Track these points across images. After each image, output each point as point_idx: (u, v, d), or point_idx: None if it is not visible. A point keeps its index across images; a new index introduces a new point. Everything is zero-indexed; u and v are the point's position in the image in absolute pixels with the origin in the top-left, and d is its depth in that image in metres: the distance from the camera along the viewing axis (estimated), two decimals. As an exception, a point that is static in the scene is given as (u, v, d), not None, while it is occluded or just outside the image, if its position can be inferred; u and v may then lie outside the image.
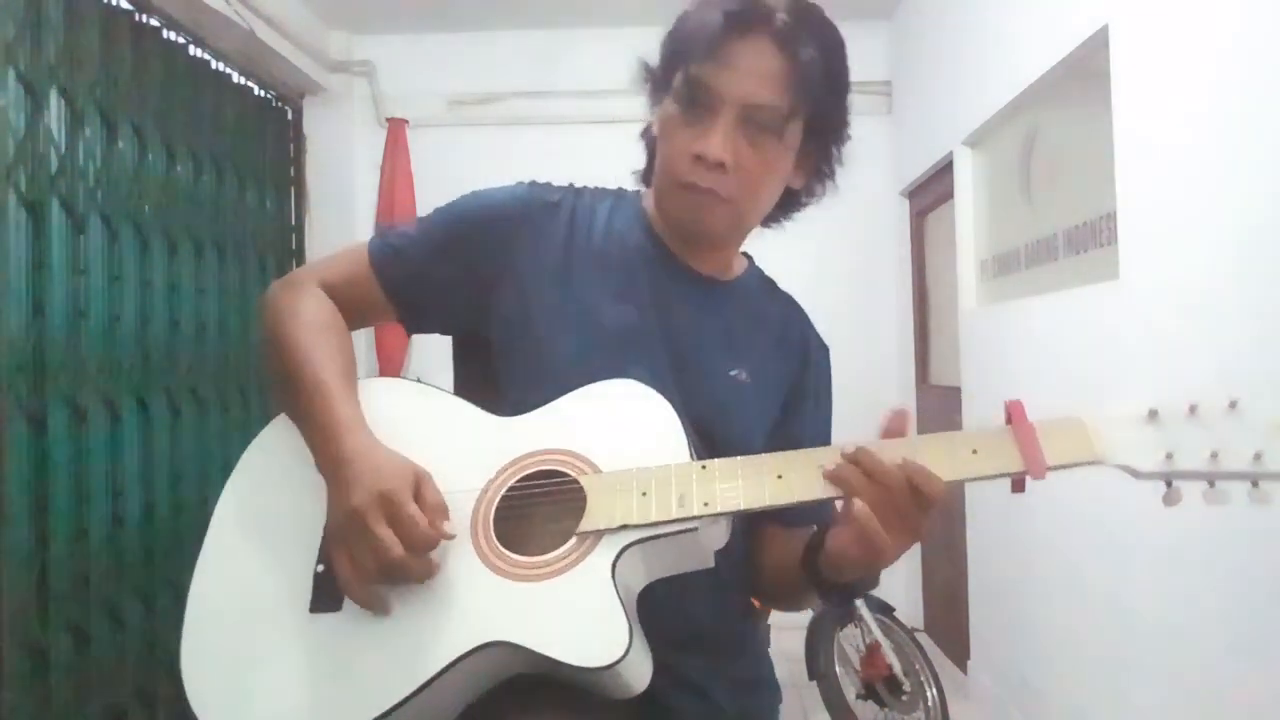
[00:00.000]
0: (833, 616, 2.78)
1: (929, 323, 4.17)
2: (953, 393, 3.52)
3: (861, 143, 1.08)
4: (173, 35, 3.10)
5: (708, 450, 0.97)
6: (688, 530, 0.84)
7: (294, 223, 4.02)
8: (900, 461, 0.82)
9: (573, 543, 0.85)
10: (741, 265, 1.15)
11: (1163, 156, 2.02)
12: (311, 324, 0.99)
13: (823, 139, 1.04)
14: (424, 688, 0.80)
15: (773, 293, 1.16)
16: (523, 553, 0.86)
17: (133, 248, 2.76)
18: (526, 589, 0.83)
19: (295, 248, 4.01)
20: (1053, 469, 0.81)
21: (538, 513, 0.89)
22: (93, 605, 2.49)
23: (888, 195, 4.28)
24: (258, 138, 3.71)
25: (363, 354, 3.93)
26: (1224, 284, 1.80)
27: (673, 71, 1.00)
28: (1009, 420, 0.84)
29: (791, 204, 1.10)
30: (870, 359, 4.14)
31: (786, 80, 0.95)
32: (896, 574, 0.93)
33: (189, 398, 3.02)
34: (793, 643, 2.82)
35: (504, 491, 0.90)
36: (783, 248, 1.21)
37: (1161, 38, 2.02)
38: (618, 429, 0.91)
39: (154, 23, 2.98)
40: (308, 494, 0.92)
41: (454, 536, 0.86)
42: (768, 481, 0.85)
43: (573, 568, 0.83)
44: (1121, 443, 0.81)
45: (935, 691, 2.77)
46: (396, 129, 4.15)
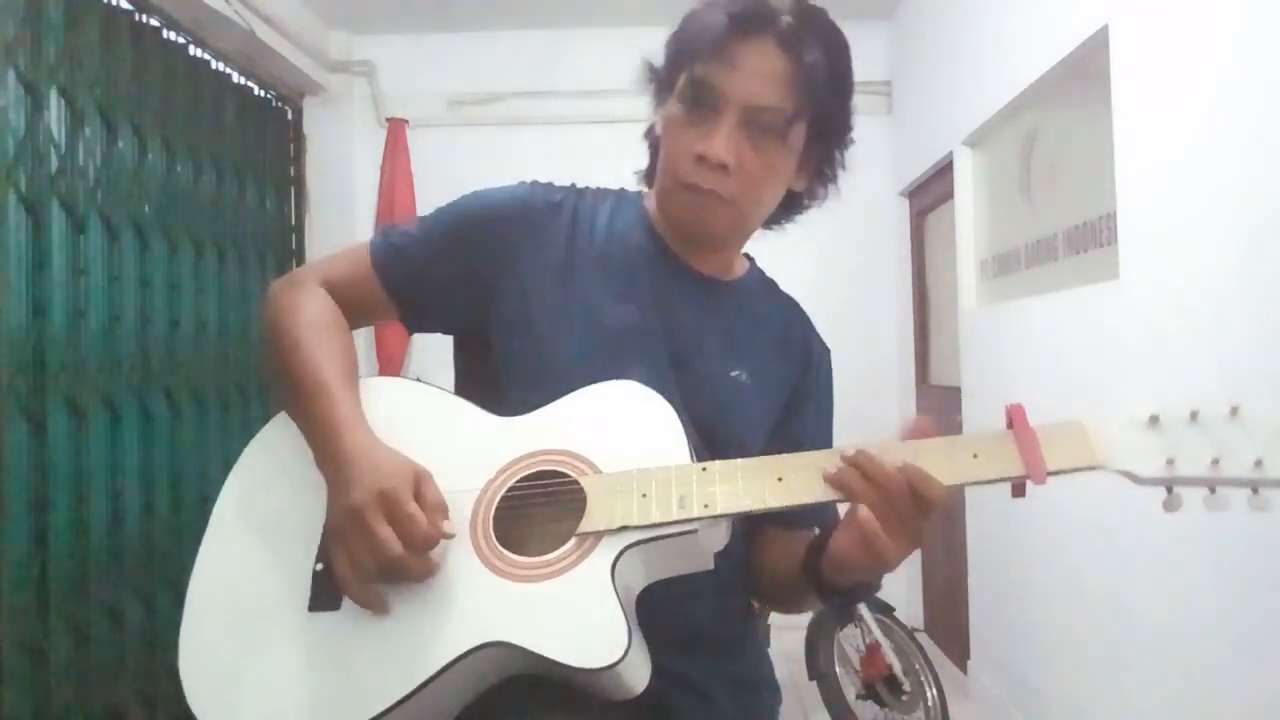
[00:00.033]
0: (833, 616, 2.78)
1: (929, 323, 4.17)
2: (953, 393, 3.51)
3: (861, 143, 1.08)
4: (173, 35, 3.10)
5: (708, 451, 0.97)
6: (688, 532, 0.84)
7: (294, 223, 4.02)
8: (900, 465, 0.82)
9: (572, 543, 0.85)
10: (743, 266, 1.15)
11: (1163, 156, 2.01)
12: (313, 323, 0.99)
13: (825, 142, 1.03)
14: (422, 688, 0.80)
15: (774, 294, 1.16)
16: (522, 553, 0.86)
17: (133, 248, 2.76)
18: (526, 589, 0.83)
19: (295, 248, 4.01)
20: (1053, 474, 0.81)
21: (537, 513, 0.89)
22: (93, 605, 2.49)
23: (888, 195, 4.28)
24: (258, 138, 3.71)
25: (363, 353, 3.91)
26: (1224, 284, 1.80)
27: (677, 72, 0.99)
28: (1010, 424, 0.84)
29: (793, 206, 1.10)
30: (870, 359, 4.14)
31: (790, 82, 0.95)
32: (896, 574, 0.93)
33: (189, 398, 3.02)
34: (793, 643, 2.83)
35: (504, 492, 0.90)
36: (782, 248, 1.21)
37: (1161, 38, 2.02)
38: (618, 430, 0.91)
39: (154, 23, 2.98)
40: (308, 492, 0.92)
41: (454, 536, 0.86)
42: (768, 484, 0.85)
43: (572, 568, 0.83)
44: (1122, 448, 0.81)
45: (935, 691, 2.77)
46: (396, 129, 4.15)
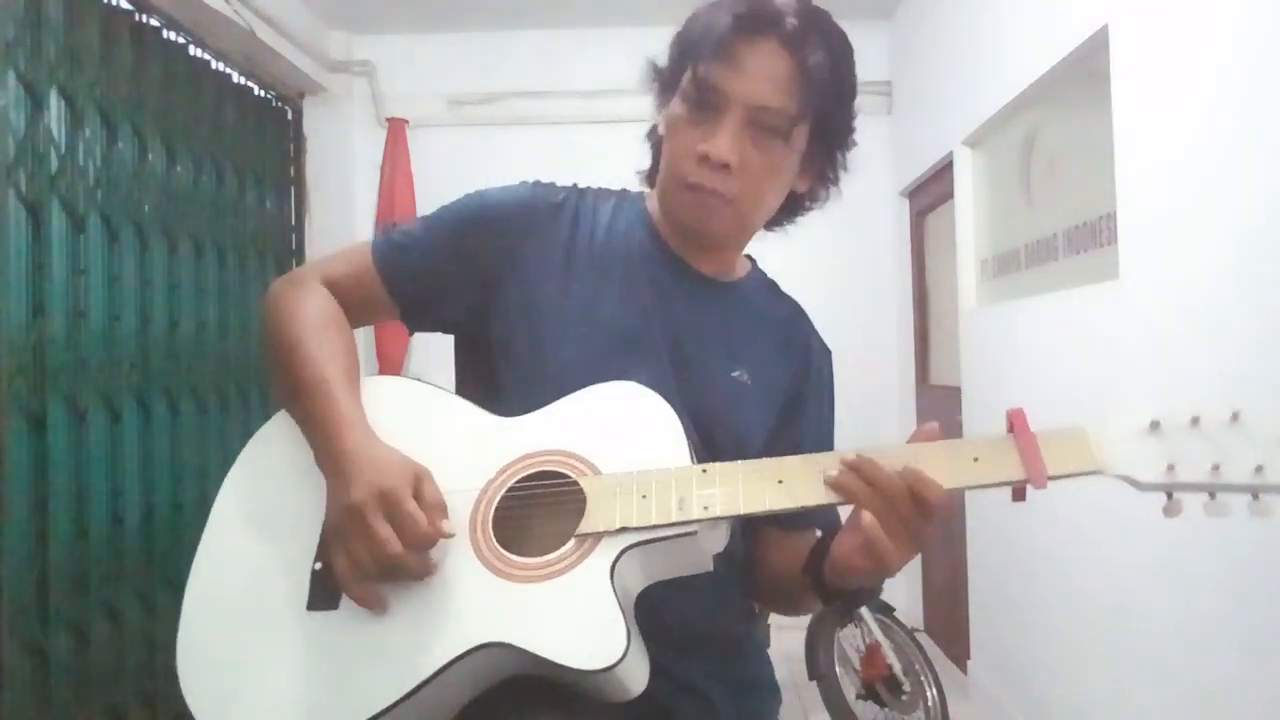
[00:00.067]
0: (833, 617, 2.78)
1: (929, 323, 4.17)
2: (953, 393, 3.51)
3: (861, 143, 1.08)
4: (173, 35, 3.10)
5: (708, 452, 0.97)
6: (687, 534, 0.84)
7: (294, 223, 4.02)
8: (901, 469, 0.81)
9: (572, 544, 0.85)
10: (745, 267, 1.15)
11: (1163, 156, 2.01)
12: (314, 321, 0.99)
13: (828, 143, 1.03)
14: (420, 688, 0.80)
15: (776, 295, 1.16)
16: (521, 554, 0.86)
17: (133, 248, 2.76)
18: (525, 590, 0.83)
19: (295, 248, 4.00)
20: (1054, 479, 0.81)
21: (537, 514, 0.89)
22: (93, 605, 2.49)
23: (888, 195, 4.28)
24: (258, 138, 3.71)
25: (362, 353, 3.90)
26: (1224, 284, 1.80)
27: (681, 72, 0.99)
28: (1011, 429, 0.84)
29: (795, 208, 1.10)
30: (870, 359, 4.14)
31: (794, 84, 0.95)
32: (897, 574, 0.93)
33: (189, 398, 3.02)
34: (793, 643, 2.82)
35: (504, 492, 0.90)
36: (783, 248, 1.21)
37: (1161, 38, 2.02)
38: (618, 431, 0.91)
39: (154, 23, 2.98)
40: (307, 491, 0.92)
41: (453, 535, 0.86)
42: (768, 486, 0.85)
43: (571, 569, 0.83)
44: (1123, 453, 0.81)
45: (935, 691, 2.77)
46: (396, 129, 4.15)
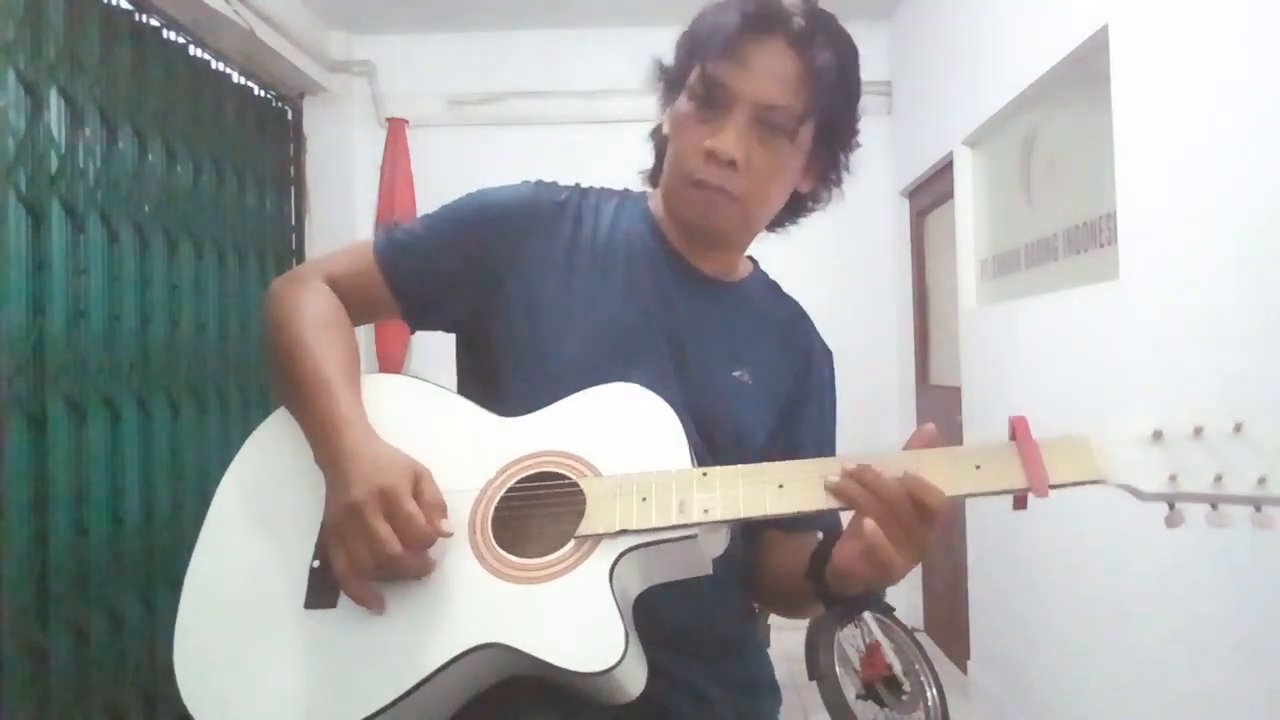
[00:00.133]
0: (833, 617, 2.78)
1: (929, 323, 4.17)
2: (953, 393, 3.51)
3: (862, 143, 1.08)
4: (173, 35, 3.10)
5: (709, 451, 0.98)
6: (687, 537, 0.84)
7: (294, 223, 4.02)
8: (902, 475, 0.81)
9: (571, 546, 0.85)
10: (747, 268, 1.15)
11: (1163, 156, 2.01)
12: (315, 319, 0.99)
13: (832, 143, 1.04)
14: (418, 688, 0.80)
15: (778, 296, 1.16)
16: (521, 554, 0.86)
17: (133, 248, 2.76)
18: (523, 591, 0.83)
19: (295, 248, 4.01)
20: (1056, 487, 0.81)
21: (536, 515, 0.89)
22: (93, 605, 2.49)
23: (888, 195, 4.28)
24: (258, 138, 3.71)
25: (363, 352, 3.89)
26: (1223, 284, 1.80)
27: (688, 69, 1.00)
28: (1013, 436, 0.83)
29: (798, 208, 1.10)
30: (870, 359, 4.14)
31: (801, 83, 0.96)
32: (897, 575, 0.93)
33: (189, 398, 3.02)
34: (793, 643, 2.82)
35: (503, 492, 0.89)
36: (782, 248, 1.21)
37: (1161, 38, 2.02)
38: (619, 433, 0.90)
39: (154, 23, 2.98)
40: (306, 489, 0.91)
41: (451, 534, 0.85)
42: (769, 490, 0.85)
43: (570, 571, 0.83)
44: (1125, 463, 0.81)
45: (935, 691, 2.77)
46: (396, 129, 4.15)
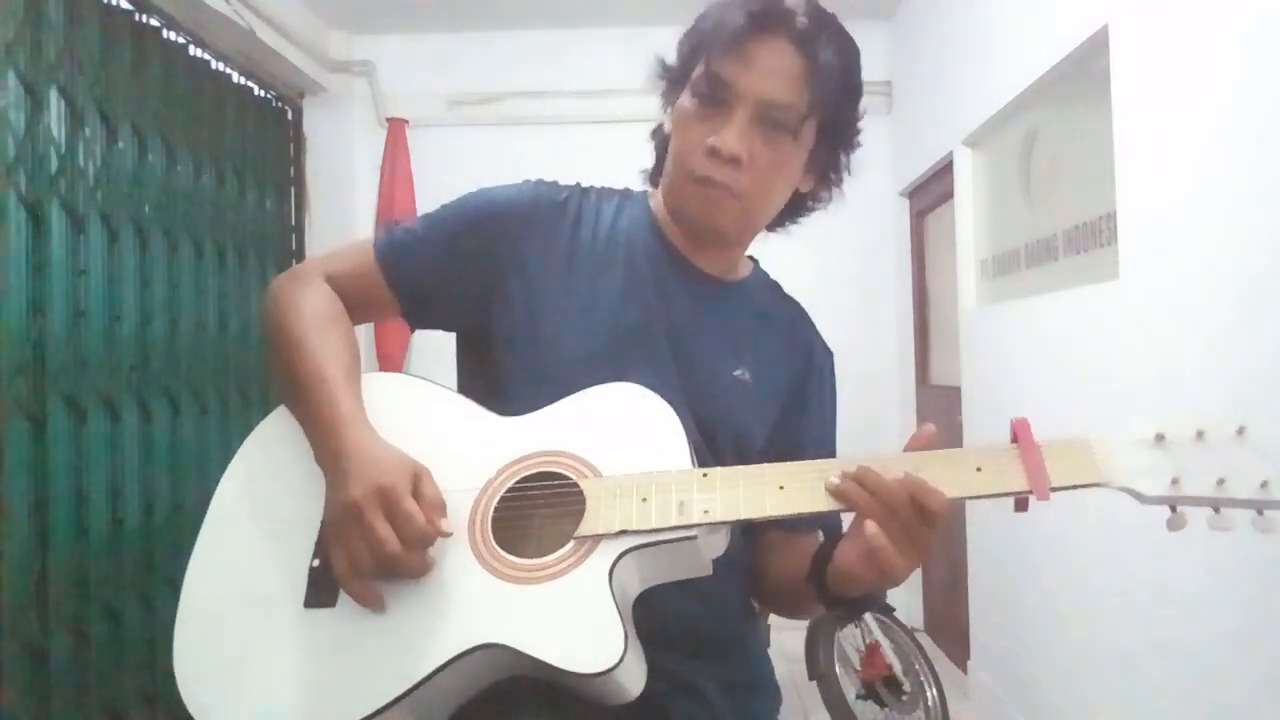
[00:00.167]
0: (833, 617, 2.78)
1: (929, 323, 4.17)
2: (953, 393, 3.51)
3: (862, 145, 1.08)
4: (173, 35, 3.09)
5: (709, 449, 0.98)
6: (687, 538, 0.84)
7: (294, 223, 4.02)
8: (903, 477, 0.81)
9: (570, 546, 0.85)
10: (747, 268, 1.15)
11: (1163, 156, 2.01)
12: (316, 318, 0.99)
13: (834, 143, 1.04)
14: (417, 687, 0.80)
15: (778, 296, 1.16)
16: (520, 554, 0.86)
17: (133, 248, 2.76)
18: (523, 591, 0.83)
19: (295, 248, 4.00)
20: (1057, 490, 0.81)
21: (536, 515, 0.89)
22: (93, 605, 2.49)
23: (888, 195, 4.28)
24: (258, 138, 3.70)
25: (363, 351, 3.90)
26: (1224, 284, 1.80)
27: (691, 67, 1.00)
28: (1014, 439, 0.83)
29: (798, 208, 1.10)
30: (870, 359, 4.14)
31: (804, 81, 0.96)
32: (897, 575, 0.93)
33: (189, 398, 3.01)
34: (793, 643, 2.82)
35: (503, 492, 0.89)
36: (782, 248, 1.21)
37: (1161, 38, 2.02)
38: (619, 433, 0.90)
39: (154, 23, 2.98)
40: (306, 488, 0.92)
41: (451, 534, 0.85)
42: (769, 492, 0.85)
43: (569, 572, 0.83)
44: (1127, 466, 0.80)
45: (935, 691, 2.77)
46: (396, 129, 4.15)
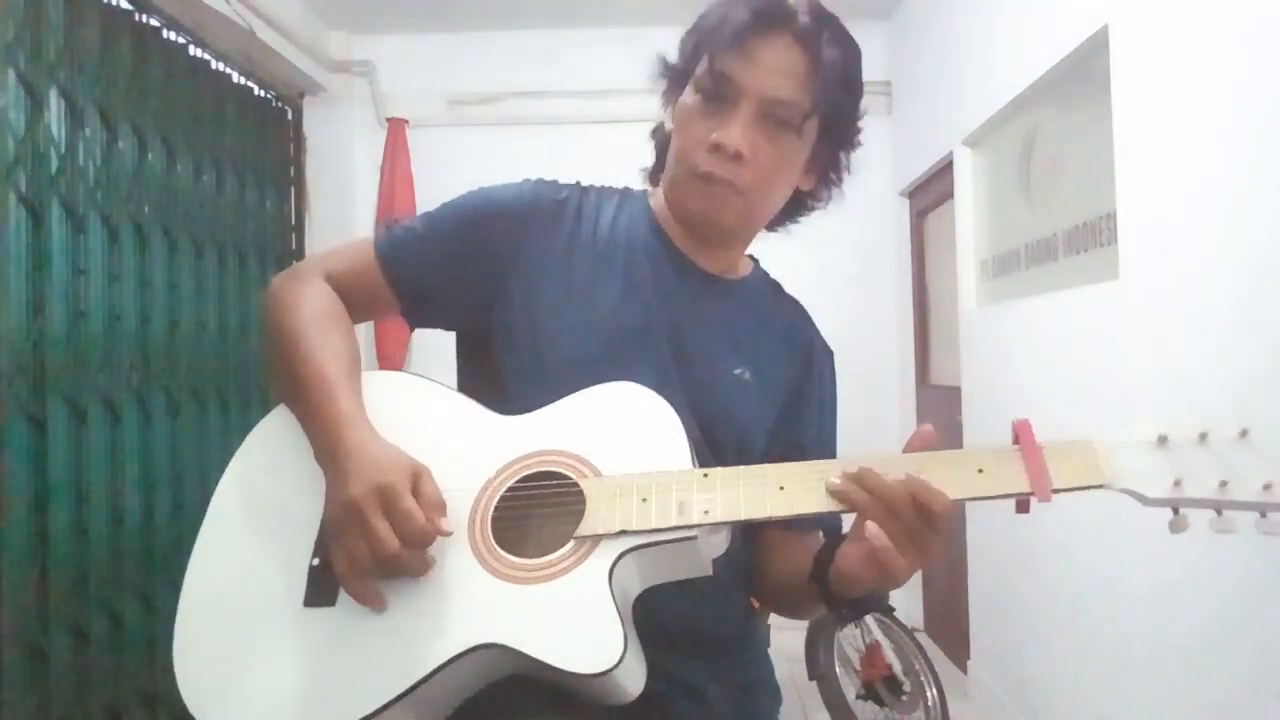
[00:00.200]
0: (834, 617, 2.78)
1: (929, 323, 4.16)
2: (953, 393, 3.51)
3: (862, 144, 1.08)
4: (173, 35, 3.09)
5: (710, 448, 0.98)
6: (687, 539, 0.83)
7: (294, 223, 4.02)
8: (904, 478, 0.81)
9: (570, 546, 0.84)
10: (748, 267, 1.15)
11: (1163, 156, 2.01)
12: (315, 316, 0.99)
13: (835, 142, 1.04)
14: (416, 687, 0.80)
15: (778, 295, 1.16)
16: (520, 554, 0.86)
17: (133, 248, 2.76)
18: (522, 591, 0.83)
19: (295, 248, 4.00)
20: (1058, 492, 0.80)
21: (536, 514, 0.89)
22: (93, 605, 2.49)
23: (888, 195, 4.28)
24: (258, 138, 3.70)
25: (363, 350, 3.90)
26: (1224, 284, 1.80)
27: (694, 64, 1.00)
28: (1016, 440, 0.83)
29: (799, 207, 1.10)
30: (870, 359, 4.14)
31: (807, 78, 0.97)
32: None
33: (189, 398, 3.01)
34: (793, 643, 2.82)
35: (503, 491, 0.89)
36: (783, 248, 1.21)
37: (1161, 38, 2.02)
38: (620, 432, 0.90)
39: (154, 23, 2.98)
40: (306, 486, 0.91)
41: (451, 533, 0.85)
42: (769, 492, 0.84)
43: (569, 572, 0.83)
44: (1129, 468, 0.80)
45: (935, 691, 2.77)
46: (396, 129, 4.15)
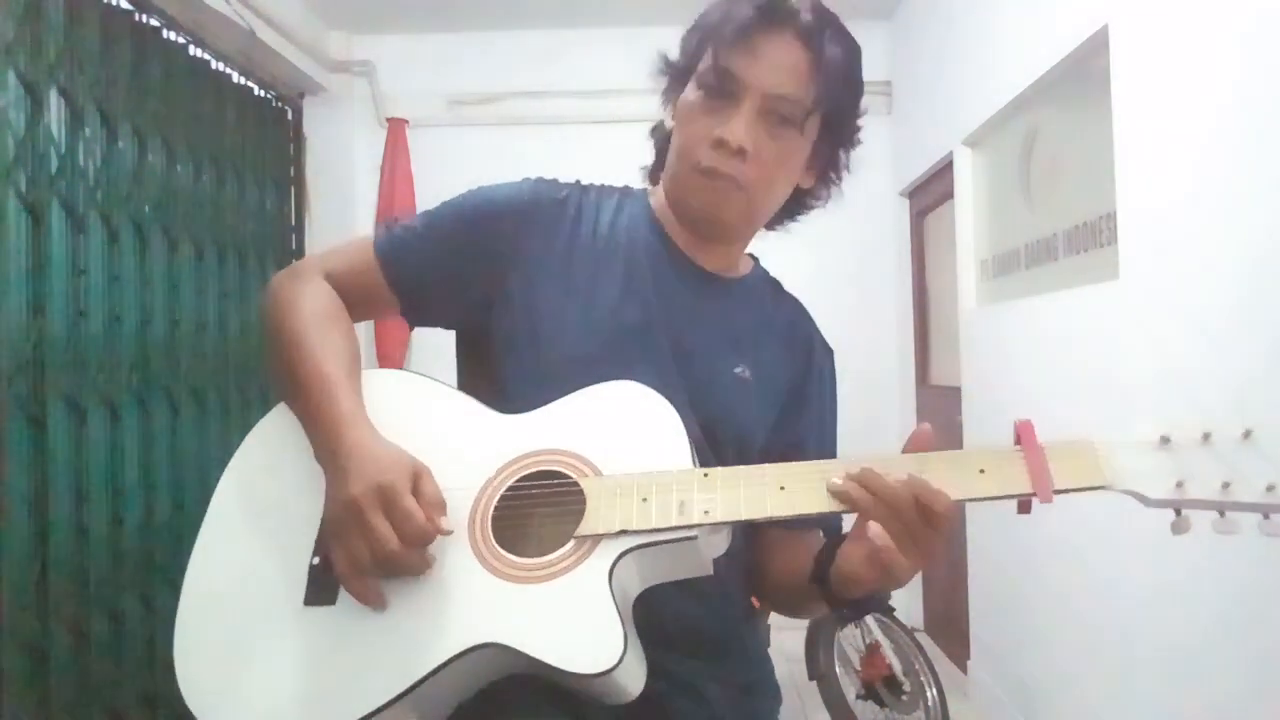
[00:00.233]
0: (834, 617, 2.78)
1: (929, 323, 4.16)
2: (953, 393, 3.51)
3: (862, 143, 1.09)
4: (173, 35, 3.09)
5: (710, 447, 0.98)
6: (687, 538, 0.83)
7: (294, 223, 4.01)
8: (906, 478, 0.81)
9: (570, 546, 0.84)
10: (748, 265, 1.15)
11: (1163, 156, 2.01)
12: (315, 315, 0.99)
13: (835, 140, 1.05)
14: (416, 686, 0.80)
15: (778, 293, 1.16)
16: (520, 554, 0.86)
17: (133, 248, 2.76)
18: (522, 591, 0.83)
19: (295, 247, 4.00)
20: (1060, 493, 0.80)
21: (536, 514, 0.89)
22: (93, 605, 2.48)
23: (888, 195, 4.28)
24: (258, 138, 3.70)
25: (362, 350, 3.90)
26: (1224, 284, 1.80)
27: (696, 60, 1.01)
28: (1018, 440, 0.83)
29: (798, 206, 1.10)
30: (870, 359, 4.14)
31: (810, 75, 0.97)
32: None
33: (189, 398, 3.01)
34: (793, 643, 2.82)
35: (503, 491, 0.89)
36: (783, 247, 1.21)
37: (1161, 38, 2.02)
38: (620, 431, 0.90)
39: (154, 23, 2.97)
40: (306, 485, 0.91)
41: (451, 532, 0.85)
42: (770, 492, 0.84)
43: (569, 571, 0.83)
44: (1131, 469, 0.80)
45: (935, 691, 2.77)
46: (396, 129, 4.15)
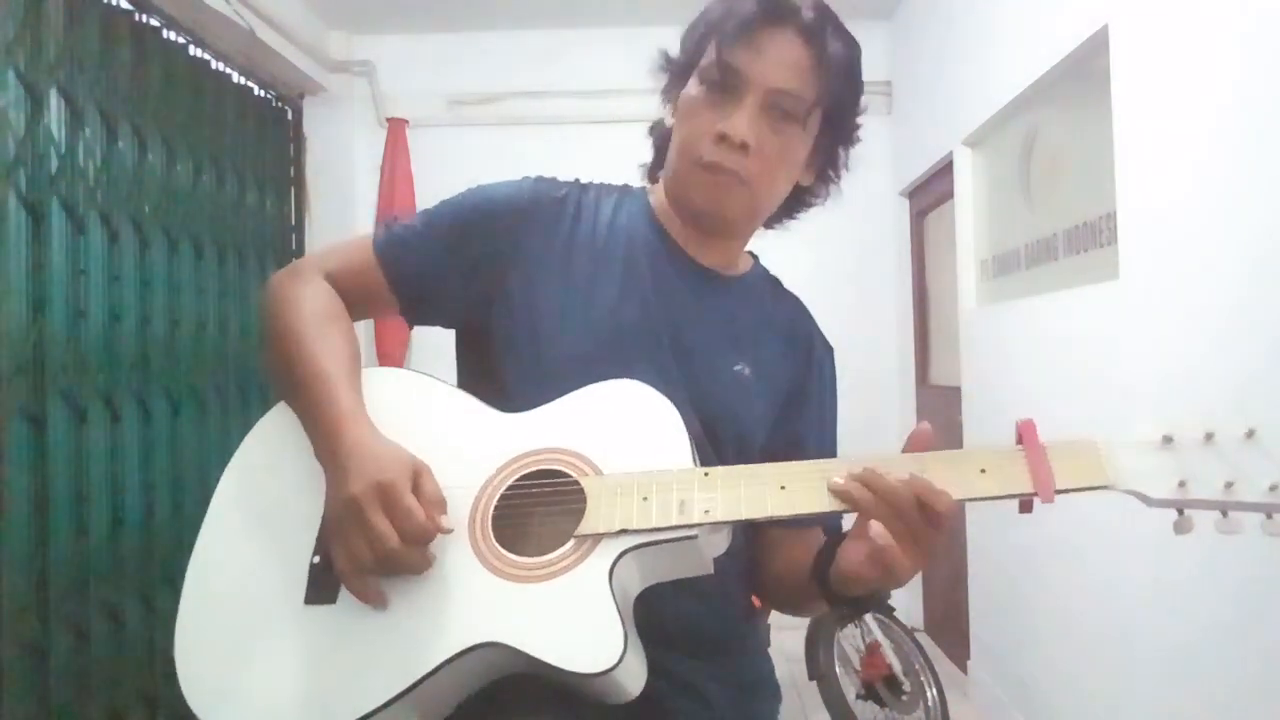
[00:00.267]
0: (834, 616, 2.78)
1: (929, 323, 4.17)
2: (953, 393, 3.51)
3: (862, 143, 1.09)
4: (173, 35, 3.09)
5: (710, 445, 0.98)
6: (688, 538, 0.83)
7: (294, 223, 4.02)
8: (907, 477, 0.81)
9: (571, 545, 0.84)
10: (747, 263, 1.15)
11: (1163, 156, 2.01)
12: (315, 314, 0.99)
13: (836, 137, 1.05)
14: (416, 685, 0.80)
15: (778, 291, 1.16)
16: (520, 553, 0.85)
17: (133, 248, 2.76)
18: (522, 590, 0.83)
19: (295, 248, 4.00)
20: (1062, 493, 0.80)
21: (536, 513, 0.89)
22: (93, 605, 2.48)
23: (888, 195, 4.28)
24: (258, 138, 3.70)
25: (362, 348, 3.89)
26: (1224, 284, 1.80)
27: (698, 56, 1.01)
28: (1019, 440, 0.82)
29: (797, 204, 1.10)
30: (870, 359, 4.14)
31: (812, 71, 0.97)
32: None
33: (189, 398, 3.02)
34: (793, 643, 2.82)
35: (504, 489, 0.89)
36: (783, 247, 1.21)
37: (1161, 38, 2.02)
38: (620, 430, 0.90)
39: (154, 23, 2.98)
40: (306, 484, 0.91)
41: (451, 531, 0.85)
42: (770, 492, 0.84)
43: (569, 571, 0.83)
44: (1134, 469, 0.79)
45: (935, 691, 2.77)
46: (396, 129, 4.15)
